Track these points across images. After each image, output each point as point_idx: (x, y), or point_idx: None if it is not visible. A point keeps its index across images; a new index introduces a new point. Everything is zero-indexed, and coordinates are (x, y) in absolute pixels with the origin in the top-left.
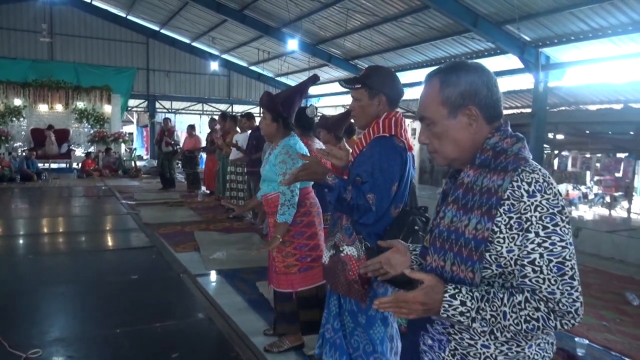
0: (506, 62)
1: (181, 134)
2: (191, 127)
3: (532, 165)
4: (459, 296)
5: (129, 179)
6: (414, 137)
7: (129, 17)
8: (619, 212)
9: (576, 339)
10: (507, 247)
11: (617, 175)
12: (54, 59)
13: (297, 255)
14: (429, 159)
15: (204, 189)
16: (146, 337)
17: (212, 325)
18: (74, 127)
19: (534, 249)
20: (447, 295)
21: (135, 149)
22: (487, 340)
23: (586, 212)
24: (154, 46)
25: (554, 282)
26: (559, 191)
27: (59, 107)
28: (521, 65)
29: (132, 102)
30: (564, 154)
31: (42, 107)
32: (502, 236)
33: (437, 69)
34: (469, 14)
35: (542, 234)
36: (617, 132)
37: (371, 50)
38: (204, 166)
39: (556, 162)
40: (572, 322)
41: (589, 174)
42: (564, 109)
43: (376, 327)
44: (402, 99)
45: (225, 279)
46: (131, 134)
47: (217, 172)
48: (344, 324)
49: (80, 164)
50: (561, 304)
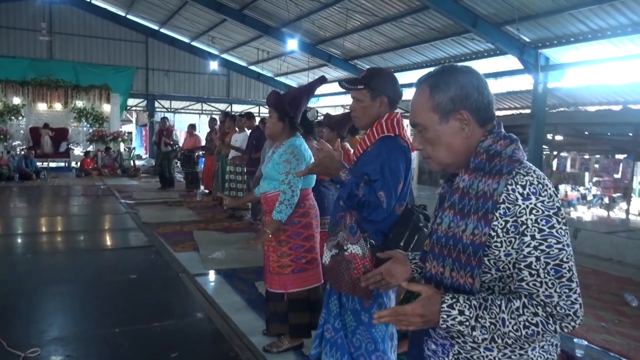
0: (506, 63)
1: (180, 134)
2: (192, 127)
3: (527, 167)
4: (456, 305)
5: (127, 178)
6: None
7: (129, 16)
8: (618, 213)
9: (575, 340)
10: (504, 251)
11: (615, 176)
12: (53, 58)
13: (293, 255)
14: None
15: (202, 188)
16: (145, 337)
17: (211, 324)
18: (72, 126)
19: (530, 252)
20: (444, 305)
21: (134, 148)
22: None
23: (585, 213)
24: (153, 45)
25: (551, 285)
26: (554, 192)
27: (58, 106)
28: (520, 66)
29: (131, 102)
30: (563, 154)
31: (41, 106)
32: (499, 240)
33: (426, 74)
34: (468, 15)
35: (538, 236)
36: (616, 134)
37: (371, 50)
38: (202, 166)
39: (555, 163)
40: (573, 324)
41: (587, 175)
42: (563, 110)
43: (378, 325)
44: (401, 99)
45: (224, 279)
46: (130, 133)
47: (215, 172)
48: (345, 323)
49: (79, 163)
50: (559, 307)
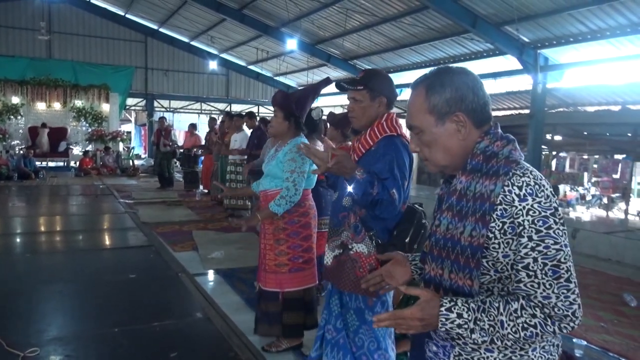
0: (505, 63)
1: (179, 133)
2: (192, 126)
3: (524, 167)
4: (455, 309)
5: (126, 178)
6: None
7: (128, 16)
8: (617, 213)
9: (574, 340)
10: (502, 252)
11: (614, 176)
12: (52, 57)
13: (290, 254)
14: None
15: (201, 188)
16: (144, 337)
17: (210, 324)
18: (71, 125)
19: (527, 253)
20: (443, 308)
21: (133, 148)
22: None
23: (584, 214)
24: (152, 45)
25: (548, 286)
26: (552, 193)
27: (57, 106)
28: (520, 66)
29: (130, 101)
30: (562, 155)
31: (40, 105)
32: (497, 242)
33: (422, 76)
34: (468, 15)
35: (535, 237)
36: (614, 134)
37: (370, 50)
38: (201, 165)
39: (554, 163)
40: (571, 324)
41: (586, 175)
42: (562, 110)
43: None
44: (398, 99)
45: (223, 278)
46: (129, 133)
47: (214, 172)
48: (347, 323)
49: (78, 163)
50: (557, 308)
